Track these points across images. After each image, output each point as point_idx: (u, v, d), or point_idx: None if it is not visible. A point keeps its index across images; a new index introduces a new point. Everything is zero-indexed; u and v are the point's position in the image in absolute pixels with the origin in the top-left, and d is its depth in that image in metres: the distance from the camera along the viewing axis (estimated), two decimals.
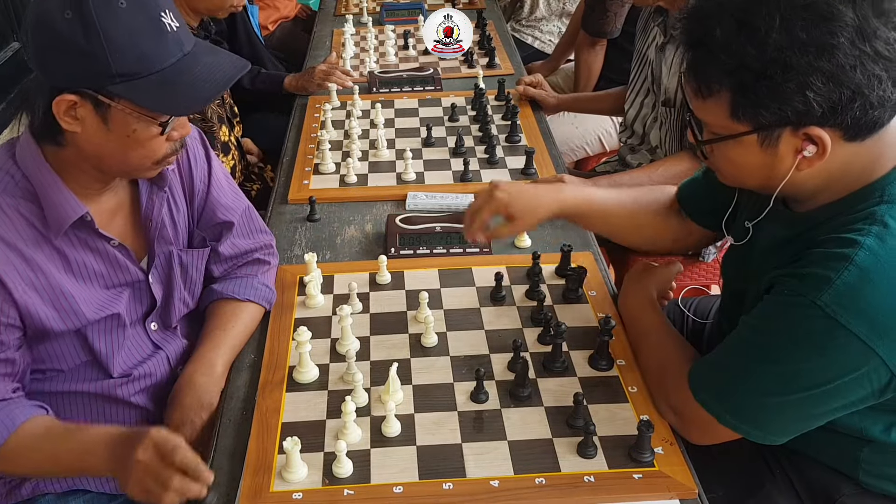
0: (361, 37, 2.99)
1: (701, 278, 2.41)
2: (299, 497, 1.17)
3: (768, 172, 1.15)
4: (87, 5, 1.12)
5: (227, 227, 1.53)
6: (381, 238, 1.79)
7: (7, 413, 1.23)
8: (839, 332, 1.06)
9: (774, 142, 1.10)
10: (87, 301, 1.30)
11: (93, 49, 1.13)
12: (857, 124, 1.07)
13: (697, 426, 1.23)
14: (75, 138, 1.21)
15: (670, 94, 2.12)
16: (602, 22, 3.01)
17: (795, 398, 1.12)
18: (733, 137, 1.13)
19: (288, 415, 1.31)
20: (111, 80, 1.15)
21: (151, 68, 1.17)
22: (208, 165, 1.51)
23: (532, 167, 2.03)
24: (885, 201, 1.10)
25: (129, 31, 1.14)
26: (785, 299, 1.12)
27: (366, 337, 1.48)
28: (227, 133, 2.24)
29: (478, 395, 1.33)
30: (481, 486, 1.18)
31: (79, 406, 1.37)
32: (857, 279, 1.05)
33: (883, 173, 1.12)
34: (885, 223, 1.08)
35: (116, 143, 1.21)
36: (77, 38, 1.12)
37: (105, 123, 1.19)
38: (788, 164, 1.12)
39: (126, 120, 1.19)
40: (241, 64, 1.27)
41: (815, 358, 1.09)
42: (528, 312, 1.53)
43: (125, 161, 1.25)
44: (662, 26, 2.13)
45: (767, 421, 1.17)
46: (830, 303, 1.06)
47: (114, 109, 1.18)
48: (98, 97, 1.16)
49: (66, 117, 1.18)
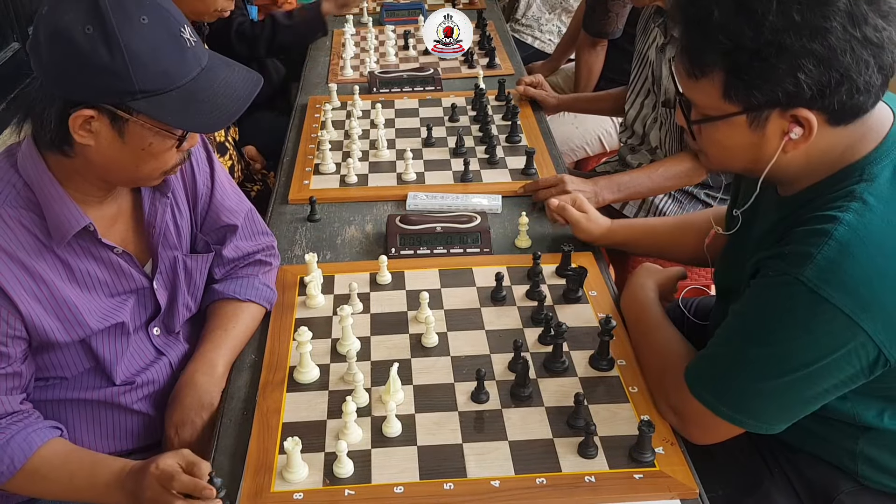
0: (362, 37, 2.99)
1: (701, 279, 2.41)
2: (300, 497, 1.17)
3: (755, 154, 1.17)
4: (109, 21, 1.11)
5: (230, 231, 1.52)
6: (382, 238, 1.79)
7: (24, 437, 1.23)
8: (823, 306, 1.08)
9: (762, 123, 1.13)
10: (91, 310, 1.30)
11: (115, 65, 1.11)
12: (842, 108, 1.09)
13: (696, 423, 1.24)
14: (85, 150, 1.20)
15: (670, 94, 2.12)
16: (603, 22, 3.01)
17: (788, 380, 1.13)
18: (724, 118, 1.15)
19: (289, 415, 1.31)
20: (132, 97, 1.14)
21: (173, 84, 1.16)
22: (211, 169, 1.51)
23: (532, 167, 2.03)
24: (864, 180, 1.13)
25: (151, 46, 1.13)
26: (769, 280, 1.14)
27: (366, 337, 1.48)
28: (221, 133, 2.24)
29: (478, 395, 1.33)
30: (482, 487, 1.18)
31: (83, 413, 1.37)
32: (836, 253, 1.08)
33: (863, 154, 1.15)
34: (865, 200, 1.11)
35: (130, 156, 1.21)
36: (99, 54, 1.11)
37: (121, 137, 1.18)
38: (774, 146, 1.14)
39: (143, 134, 1.18)
40: (255, 78, 1.27)
41: (802, 336, 1.10)
42: (529, 312, 1.53)
43: (134, 172, 1.25)
44: (663, 27, 2.13)
45: (763, 408, 1.18)
46: (813, 277, 1.08)
47: (131, 123, 1.17)
48: (117, 112, 1.16)
49: (80, 131, 1.16)
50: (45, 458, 1.24)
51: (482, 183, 2.00)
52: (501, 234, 1.80)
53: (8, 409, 1.24)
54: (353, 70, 2.70)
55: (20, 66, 2.35)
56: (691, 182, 2.10)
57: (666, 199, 2.23)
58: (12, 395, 1.25)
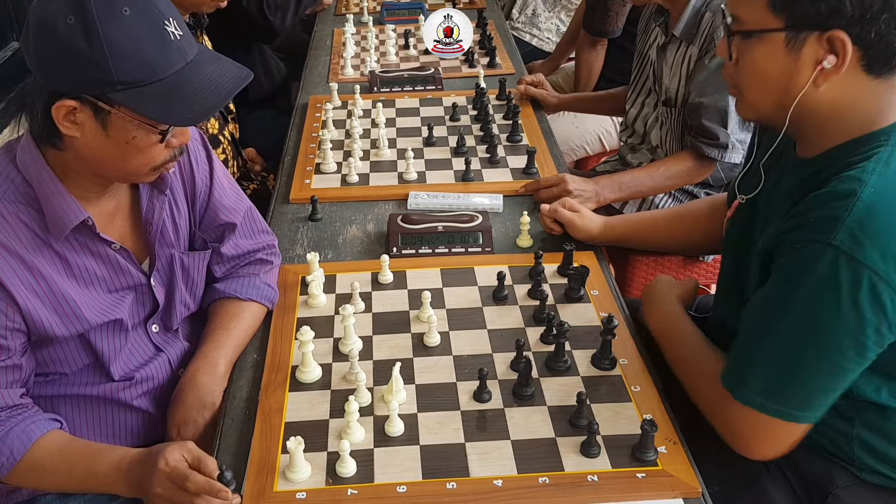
0: (362, 36, 2.99)
1: (701, 278, 2.41)
2: (303, 497, 1.17)
3: (786, 83, 1.17)
4: (90, 12, 1.11)
5: (229, 228, 1.52)
6: (383, 237, 1.79)
7: (23, 428, 1.23)
8: (861, 271, 1.07)
9: (799, 45, 1.14)
10: (89, 305, 1.30)
11: (94, 56, 1.11)
12: (878, 44, 1.10)
13: (752, 433, 1.20)
14: (74, 143, 1.20)
15: (671, 93, 2.12)
16: (603, 21, 3.01)
17: (833, 355, 1.12)
18: (764, 32, 1.16)
19: (291, 414, 1.31)
20: (112, 88, 1.14)
21: (154, 76, 1.15)
22: (210, 167, 1.50)
23: (534, 167, 2.03)
24: (889, 144, 1.14)
25: (132, 38, 1.13)
26: (798, 254, 1.12)
27: (368, 336, 1.48)
28: (216, 126, 2.24)
29: (481, 394, 1.33)
30: (485, 486, 1.18)
31: (83, 409, 1.38)
32: (865, 213, 1.07)
33: (889, 123, 1.16)
34: (888, 162, 1.12)
35: (115, 149, 1.20)
36: (79, 44, 1.11)
37: (104, 129, 1.18)
38: (807, 76, 1.15)
39: (125, 127, 1.18)
40: (244, 73, 1.26)
41: (846, 307, 1.09)
42: (531, 312, 1.53)
43: (123, 167, 1.24)
44: (664, 26, 2.13)
45: (810, 395, 1.15)
46: (846, 240, 1.07)
47: (113, 116, 1.17)
48: (98, 103, 1.16)
49: (65, 122, 1.17)
50: (45, 448, 1.24)
51: (483, 182, 2.00)
52: (503, 234, 1.80)
53: (8, 402, 1.24)
54: (353, 69, 2.70)
55: (20, 66, 2.34)
56: (692, 181, 2.10)
57: (666, 199, 2.24)
58: (12, 388, 1.25)
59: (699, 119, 2.00)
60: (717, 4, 1.98)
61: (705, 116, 1.99)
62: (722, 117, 1.97)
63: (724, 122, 1.98)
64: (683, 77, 2.07)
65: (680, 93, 2.09)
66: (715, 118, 1.98)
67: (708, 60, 1.97)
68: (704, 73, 1.98)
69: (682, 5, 2.03)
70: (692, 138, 2.04)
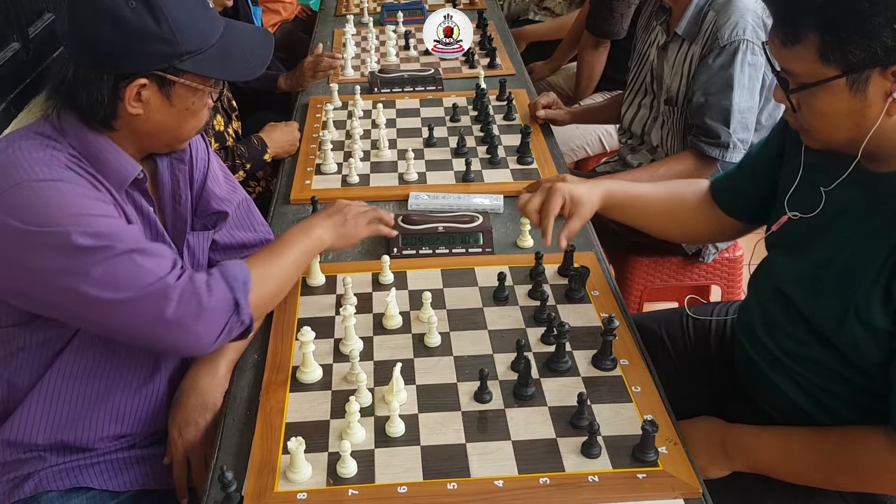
0: (362, 37, 2.99)
1: (701, 278, 2.41)
2: (304, 497, 1.17)
3: (858, 120, 1.14)
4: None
5: (221, 217, 1.55)
6: (384, 238, 1.79)
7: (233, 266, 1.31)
8: None
9: (863, 85, 1.11)
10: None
11: (163, 32, 1.22)
12: None
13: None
14: (132, 121, 1.28)
15: (672, 92, 2.12)
16: (608, 23, 3.01)
17: None
18: (823, 83, 1.13)
19: (292, 415, 1.31)
20: (180, 59, 1.25)
21: (209, 41, 1.28)
22: (207, 155, 1.55)
23: (529, 154, 2.06)
24: None
25: (187, 10, 1.25)
26: None
27: (369, 337, 1.48)
28: (222, 123, 2.24)
29: (481, 394, 1.33)
30: (486, 486, 1.18)
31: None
32: None
33: None
34: None
35: (175, 118, 1.31)
36: (148, 25, 1.21)
37: (168, 100, 1.28)
38: (878, 110, 1.12)
39: (186, 94, 1.29)
40: (262, 32, 1.43)
41: None
42: (531, 312, 1.53)
43: (178, 133, 1.34)
44: (665, 25, 2.14)
45: None
46: None
47: (178, 86, 1.27)
48: (166, 76, 1.25)
49: (133, 102, 1.25)
50: (253, 261, 1.35)
51: (484, 183, 2.00)
52: (503, 234, 1.80)
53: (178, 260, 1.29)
54: (353, 70, 2.70)
55: (20, 66, 2.34)
56: None
57: None
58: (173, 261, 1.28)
59: (701, 118, 2.00)
60: (719, 3, 1.98)
61: (708, 115, 1.99)
62: (724, 116, 1.98)
63: (727, 121, 1.98)
64: (685, 76, 2.07)
65: (682, 92, 2.09)
66: (717, 117, 1.98)
67: (711, 60, 1.97)
68: (707, 72, 1.98)
69: (684, 4, 2.03)
70: (693, 138, 2.04)
